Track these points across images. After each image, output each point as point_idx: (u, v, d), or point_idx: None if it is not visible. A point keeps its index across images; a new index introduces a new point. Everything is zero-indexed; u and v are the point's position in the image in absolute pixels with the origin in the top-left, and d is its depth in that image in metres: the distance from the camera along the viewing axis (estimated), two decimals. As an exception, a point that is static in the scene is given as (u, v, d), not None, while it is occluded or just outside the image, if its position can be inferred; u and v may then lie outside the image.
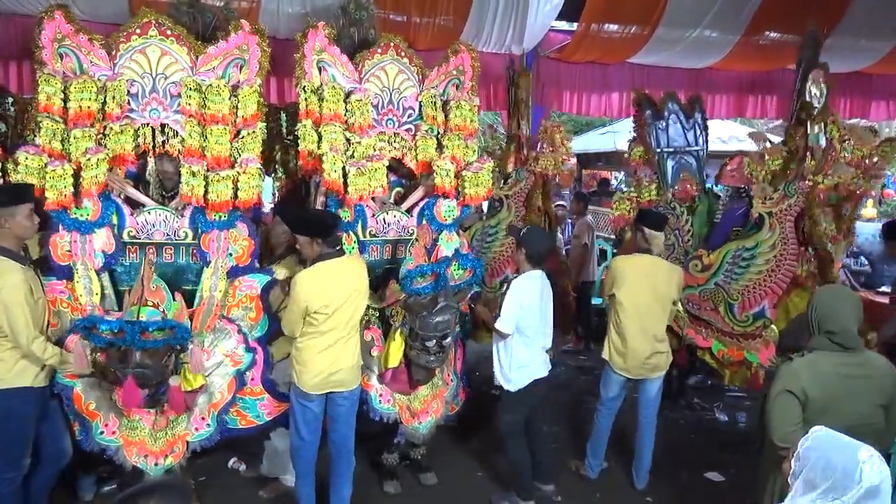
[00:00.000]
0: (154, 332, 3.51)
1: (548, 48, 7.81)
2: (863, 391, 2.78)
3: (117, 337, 3.48)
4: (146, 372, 3.54)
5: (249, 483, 4.61)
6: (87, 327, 3.48)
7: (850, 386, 2.78)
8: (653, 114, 5.66)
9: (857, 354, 2.84)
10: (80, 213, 3.69)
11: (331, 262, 3.75)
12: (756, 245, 4.94)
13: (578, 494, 4.60)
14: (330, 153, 4.01)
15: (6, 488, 3.60)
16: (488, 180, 4.46)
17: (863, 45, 7.83)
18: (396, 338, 4.17)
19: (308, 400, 3.79)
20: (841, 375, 2.79)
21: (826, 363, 2.82)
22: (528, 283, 4.23)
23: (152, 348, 3.54)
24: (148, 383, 3.56)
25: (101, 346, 3.54)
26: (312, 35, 4.08)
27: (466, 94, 4.50)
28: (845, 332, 2.82)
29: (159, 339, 3.55)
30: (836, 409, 2.75)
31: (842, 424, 2.70)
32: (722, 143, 12.14)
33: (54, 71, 3.63)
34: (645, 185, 5.55)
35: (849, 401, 2.77)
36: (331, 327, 3.72)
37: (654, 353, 4.42)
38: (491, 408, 5.34)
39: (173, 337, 3.60)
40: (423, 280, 4.11)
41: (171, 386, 3.67)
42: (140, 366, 3.51)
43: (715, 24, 7.32)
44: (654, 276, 4.41)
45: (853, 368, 2.80)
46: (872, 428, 2.76)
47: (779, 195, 4.86)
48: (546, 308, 4.36)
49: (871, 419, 2.78)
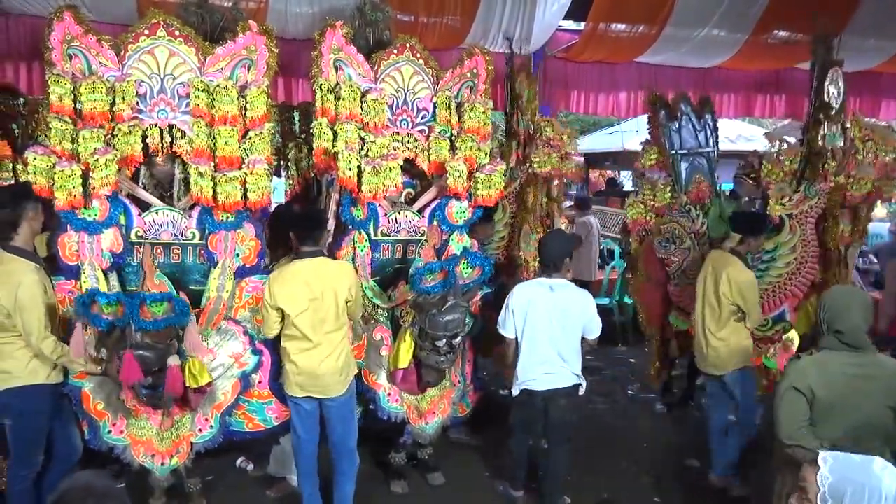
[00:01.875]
0: (152, 305, 3.52)
1: (555, 48, 7.80)
2: (871, 392, 2.77)
3: (117, 315, 3.50)
4: (146, 354, 3.50)
5: (257, 482, 4.63)
6: (87, 303, 3.49)
7: (857, 386, 2.77)
8: (667, 115, 5.61)
9: (867, 355, 2.82)
10: (88, 213, 3.70)
11: (305, 262, 3.74)
12: (776, 247, 4.86)
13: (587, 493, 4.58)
14: (345, 151, 4.02)
15: (19, 486, 3.63)
16: (500, 182, 4.45)
17: (871, 45, 7.78)
18: (406, 338, 4.16)
19: (296, 399, 3.81)
20: (848, 375, 2.78)
21: (834, 362, 2.82)
22: (524, 290, 4.10)
23: (153, 330, 3.55)
24: (149, 367, 3.52)
25: (102, 327, 3.54)
26: (330, 34, 4.09)
27: (480, 96, 4.50)
28: (854, 332, 2.81)
29: (159, 319, 3.55)
30: (842, 408, 2.75)
31: (848, 424, 2.73)
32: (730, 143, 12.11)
33: (63, 72, 3.64)
34: (660, 187, 5.49)
35: (856, 401, 2.76)
36: (304, 328, 3.69)
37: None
38: (498, 408, 5.36)
39: (173, 313, 3.60)
40: (432, 278, 4.10)
41: (171, 366, 3.62)
42: (140, 346, 3.50)
43: (723, 23, 7.29)
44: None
45: (862, 369, 2.79)
46: (879, 429, 2.76)
47: (799, 196, 4.80)
48: (560, 320, 4.02)
49: (878, 420, 2.77)
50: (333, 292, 3.72)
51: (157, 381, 3.60)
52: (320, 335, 3.72)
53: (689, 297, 5.22)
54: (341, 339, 3.82)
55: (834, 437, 2.75)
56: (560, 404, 4.11)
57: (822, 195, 4.74)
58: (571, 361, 4.08)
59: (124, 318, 3.51)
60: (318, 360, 3.72)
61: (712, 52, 8.02)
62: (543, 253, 4.17)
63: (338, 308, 3.75)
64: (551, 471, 4.29)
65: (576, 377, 4.10)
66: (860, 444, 2.69)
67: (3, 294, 3.41)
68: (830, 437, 2.75)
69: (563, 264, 4.10)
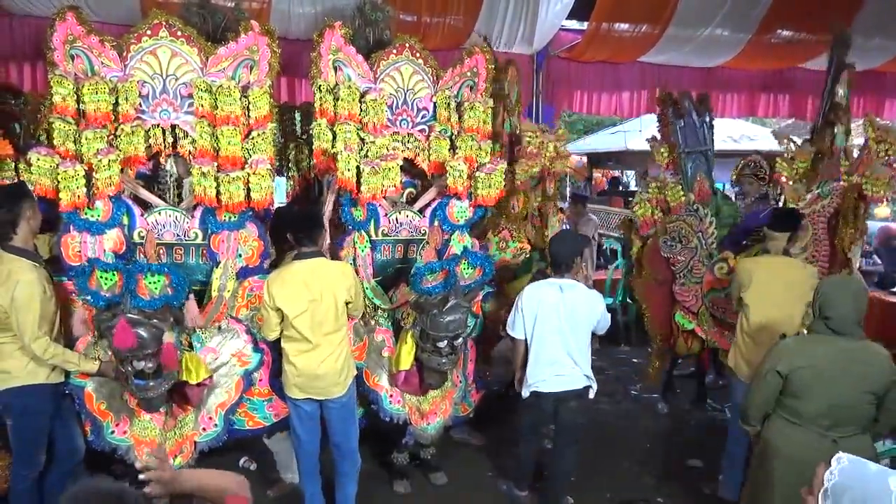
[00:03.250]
0: (149, 276, 3.53)
1: (558, 47, 7.80)
2: (851, 376, 2.87)
3: (115, 292, 3.51)
4: (142, 333, 3.46)
5: (259, 482, 4.63)
6: (87, 273, 3.51)
7: (838, 369, 2.88)
8: (674, 112, 5.59)
9: (854, 341, 2.92)
10: (91, 213, 3.71)
11: (304, 263, 3.73)
12: None
13: (590, 493, 4.58)
14: (344, 152, 4.03)
15: (21, 485, 3.64)
16: (501, 182, 4.44)
17: (876, 44, 7.78)
18: (408, 340, 4.16)
19: (296, 401, 3.81)
20: (830, 358, 2.90)
21: (819, 345, 2.95)
22: (534, 290, 4.07)
23: (149, 309, 3.55)
24: (144, 347, 3.48)
25: (101, 304, 3.54)
26: (329, 34, 4.09)
27: (480, 95, 4.50)
28: (841, 319, 2.91)
29: (157, 298, 3.56)
30: (820, 388, 2.89)
31: (826, 403, 2.88)
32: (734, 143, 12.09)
33: (66, 72, 3.65)
34: (671, 186, 5.45)
35: (834, 383, 2.88)
36: (302, 330, 3.69)
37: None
38: (501, 407, 5.36)
39: (170, 289, 3.60)
40: (433, 278, 4.09)
41: (165, 342, 3.61)
42: (135, 320, 3.47)
43: (726, 22, 7.29)
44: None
45: (846, 353, 2.90)
46: (855, 412, 2.90)
47: (812, 196, 4.80)
48: (570, 321, 3.99)
49: (857, 403, 2.88)
50: (332, 293, 3.71)
51: (150, 363, 3.54)
52: (319, 336, 3.71)
53: (695, 297, 5.22)
54: (340, 340, 3.81)
55: (812, 413, 2.91)
56: (570, 406, 4.09)
57: (836, 195, 4.73)
58: (582, 363, 4.05)
59: (122, 293, 3.51)
60: (317, 361, 3.72)
61: (715, 52, 8.02)
62: (553, 253, 4.11)
63: (337, 309, 3.73)
64: (558, 471, 4.29)
65: (586, 378, 4.08)
66: (836, 423, 2.89)
67: (2, 293, 3.41)
68: (809, 413, 2.92)
69: (574, 264, 4.08)
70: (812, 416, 2.92)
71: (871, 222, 5.51)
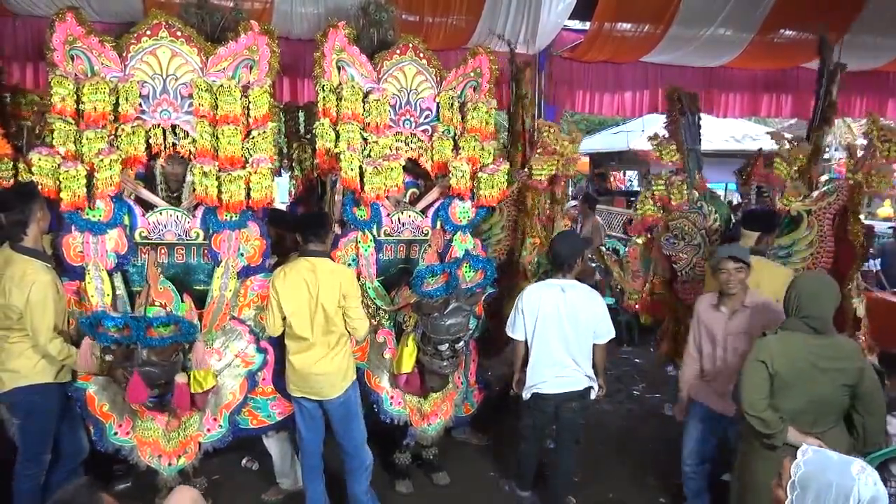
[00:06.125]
0: (159, 327, 3.53)
1: (560, 47, 7.77)
2: (828, 370, 2.95)
3: (123, 335, 3.50)
4: (152, 371, 3.53)
5: (262, 482, 4.62)
6: (93, 324, 3.49)
7: (816, 365, 2.95)
8: (681, 109, 5.57)
9: (827, 338, 3.01)
10: (93, 213, 3.71)
11: (308, 261, 3.74)
12: (793, 243, 4.82)
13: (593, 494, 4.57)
14: (347, 151, 4.03)
15: (28, 484, 3.64)
16: (503, 182, 4.44)
17: (878, 44, 7.74)
18: (409, 343, 4.15)
19: (296, 398, 3.84)
20: (809, 354, 2.96)
21: (797, 342, 3.00)
22: (535, 291, 4.06)
23: (159, 347, 3.55)
24: (155, 382, 3.56)
25: (108, 344, 3.54)
26: (332, 34, 4.10)
27: (483, 96, 4.50)
28: (821, 319, 2.99)
29: (166, 337, 3.56)
30: (801, 385, 2.96)
31: (805, 399, 2.97)
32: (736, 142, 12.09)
33: (66, 73, 3.65)
34: (677, 184, 5.40)
35: (813, 379, 2.96)
36: (300, 328, 3.71)
37: None
38: (503, 407, 5.35)
39: (179, 333, 3.61)
40: (435, 281, 4.08)
41: (178, 383, 3.66)
42: (146, 363, 3.52)
43: (729, 22, 7.26)
44: None
45: (822, 349, 2.97)
46: (834, 405, 3.00)
47: (818, 193, 4.80)
48: (572, 321, 3.97)
49: (834, 397, 2.98)
50: (330, 294, 3.72)
51: (163, 391, 3.63)
52: (315, 335, 3.73)
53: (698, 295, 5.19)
54: (337, 341, 3.81)
55: (792, 409, 2.97)
56: (571, 407, 4.08)
57: (841, 192, 4.73)
58: (583, 363, 4.04)
59: (131, 338, 3.51)
60: (311, 360, 3.74)
61: (718, 52, 7.99)
62: (555, 254, 4.10)
63: (335, 310, 3.75)
64: (559, 472, 4.28)
65: (588, 379, 4.07)
66: (817, 419, 2.96)
67: (17, 295, 3.43)
68: (788, 409, 2.97)
69: (575, 265, 4.07)
70: (793, 414, 2.97)
71: (875, 222, 5.51)
